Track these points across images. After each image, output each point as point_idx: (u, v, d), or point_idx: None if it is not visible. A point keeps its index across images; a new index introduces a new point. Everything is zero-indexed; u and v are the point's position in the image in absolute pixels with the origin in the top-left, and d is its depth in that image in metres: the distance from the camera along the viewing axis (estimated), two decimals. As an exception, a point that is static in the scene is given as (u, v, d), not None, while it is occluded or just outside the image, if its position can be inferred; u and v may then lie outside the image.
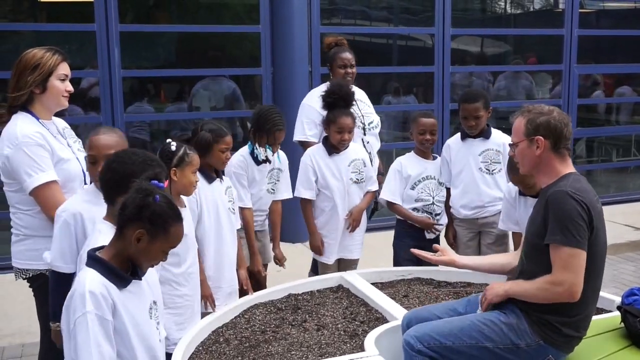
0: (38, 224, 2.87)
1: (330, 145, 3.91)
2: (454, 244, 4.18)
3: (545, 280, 2.41)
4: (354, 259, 4.10)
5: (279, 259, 4.03)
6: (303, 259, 4.58)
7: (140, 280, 2.14)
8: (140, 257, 2.08)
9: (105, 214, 2.34)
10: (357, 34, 7.67)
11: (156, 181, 2.14)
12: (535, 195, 3.27)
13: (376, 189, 4.13)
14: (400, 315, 2.93)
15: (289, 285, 3.47)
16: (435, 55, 7.29)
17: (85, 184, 2.94)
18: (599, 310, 2.97)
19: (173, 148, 3.04)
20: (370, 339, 2.76)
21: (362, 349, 2.72)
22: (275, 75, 6.48)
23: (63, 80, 2.94)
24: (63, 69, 2.94)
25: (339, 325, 3.03)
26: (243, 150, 3.82)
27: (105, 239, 2.15)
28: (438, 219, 4.12)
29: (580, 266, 2.38)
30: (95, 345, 1.97)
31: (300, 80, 6.36)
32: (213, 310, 3.23)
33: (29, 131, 2.81)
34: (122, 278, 2.07)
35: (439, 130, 4.61)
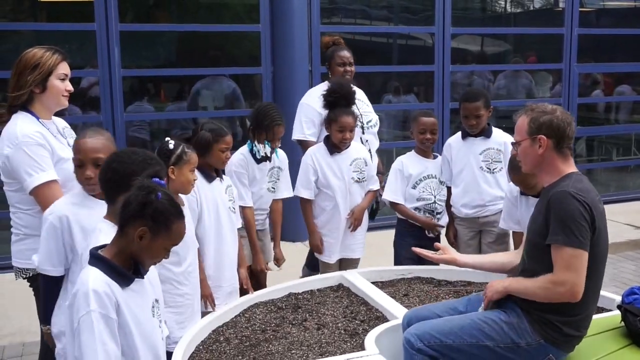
0: (38, 224, 2.84)
1: (332, 145, 3.91)
2: (454, 243, 4.18)
3: (547, 280, 2.41)
4: (356, 258, 4.10)
5: (278, 258, 4.03)
6: (303, 258, 4.58)
7: (142, 278, 2.14)
8: (142, 255, 2.08)
9: (106, 213, 2.34)
10: (357, 33, 7.67)
11: (157, 179, 2.15)
12: (537, 195, 3.27)
13: (377, 188, 4.12)
14: (400, 314, 2.93)
15: (290, 285, 3.47)
16: (436, 54, 7.29)
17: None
18: (599, 309, 2.96)
19: (171, 146, 3.03)
20: (370, 338, 2.76)
21: (363, 348, 2.72)
22: (275, 75, 6.48)
23: (63, 79, 2.94)
24: (63, 69, 2.94)
25: (339, 324, 3.03)
26: (243, 149, 3.82)
27: (106, 238, 2.15)
28: (439, 218, 4.13)
29: (582, 267, 2.37)
30: (101, 343, 1.97)
31: (301, 79, 6.36)
32: (213, 310, 3.23)
33: (29, 131, 2.81)
34: (125, 276, 2.07)
35: (439, 129, 4.61)
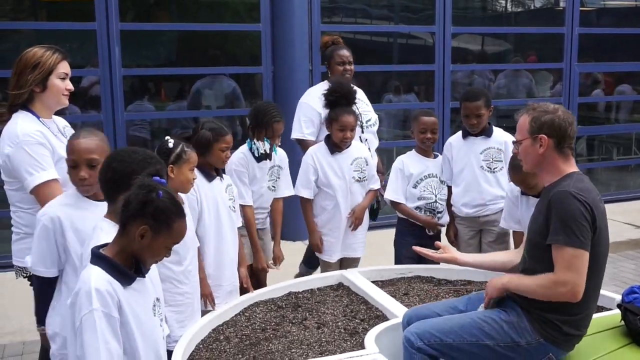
0: (38, 223, 2.87)
1: (333, 144, 3.91)
2: (455, 242, 4.18)
3: (548, 279, 2.41)
4: (357, 257, 4.10)
5: (276, 257, 4.03)
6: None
7: (144, 277, 2.14)
8: (144, 254, 2.08)
9: (106, 212, 2.34)
10: (358, 32, 7.67)
11: (158, 177, 2.15)
12: (537, 195, 3.27)
13: (378, 187, 4.12)
14: (400, 313, 2.93)
15: (290, 283, 3.48)
16: (436, 53, 7.29)
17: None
18: (599, 308, 2.97)
19: (170, 145, 3.02)
20: (370, 337, 2.77)
21: (363, 347, 2.73)
22: (275, 74, 6.47)
23: (63, 78, 2.94)
24: (63, 68, 2.94)
25: (339, 323, 3.03)
26: (243, 148, 3.82)
27: (107, 237, 2.15)
28: (440, 217, 4.13)
29: (583, 267, 2.37)
30: (103, 342, 1.97)
31: (301, 78, 6.35)
32: (213, 309, 3.24)
33: (29, 130, 2.81)
34: (127, 275, 2.07)
35: (440, 128, 4.62)
